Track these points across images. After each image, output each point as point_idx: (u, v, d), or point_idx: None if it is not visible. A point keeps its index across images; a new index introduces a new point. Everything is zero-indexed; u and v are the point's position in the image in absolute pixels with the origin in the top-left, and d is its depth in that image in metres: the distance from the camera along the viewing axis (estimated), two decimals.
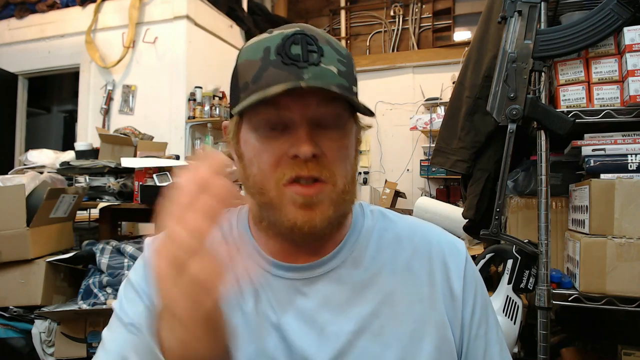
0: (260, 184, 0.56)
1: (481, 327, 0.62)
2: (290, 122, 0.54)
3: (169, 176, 2.20)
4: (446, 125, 1.69)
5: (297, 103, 0.53)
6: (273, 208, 0.56)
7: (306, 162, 0.53)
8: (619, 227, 1.17)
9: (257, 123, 0.55)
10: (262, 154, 0.55)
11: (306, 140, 0.53)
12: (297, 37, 0.54)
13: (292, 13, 5.62)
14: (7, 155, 4.18)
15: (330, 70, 0.54)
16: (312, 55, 0.53)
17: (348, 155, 0.58)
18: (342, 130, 0.57)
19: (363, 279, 0.61)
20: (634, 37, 1.19)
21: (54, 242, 1.97)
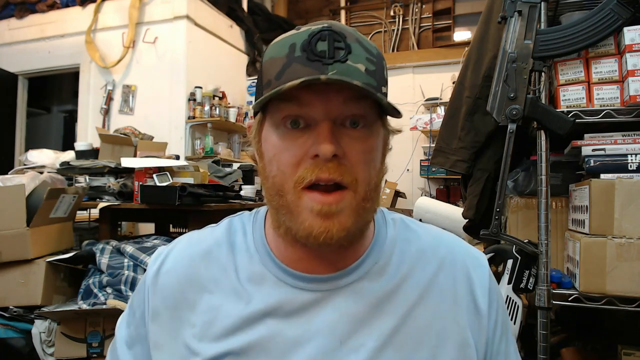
0: (279, 185, 0.53)
1: (502, 343, 0.61)
2: (312, 120, 0.52)
3: (168, 176, 2.20)
4: (446, 125, 1.69)
5: (320, 100, 0.51)
6: (290, 212, 0.53)
7: (327, 162, 0.51)
8: (619, 227, 1.17)
9: (279, 120, 0.53)
10: (282, 153, 0.53)
11: (327, 139, 0.50)
12: (324, 34, 0.51)
13: (292, 13, 5.62)
14: (7, 155, 4.18)
15: (357, 68, 0.51)
16: (338, 52, 0.51)
17: (373, 159, 0.54)
18: (368, 131, 0.54)
19: (385, 292, 0.58)
20: (634, 37, 1.19)
21: (54, 242, 1.97)
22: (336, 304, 0.57)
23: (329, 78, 0.48)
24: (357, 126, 0.53)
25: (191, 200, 2.04)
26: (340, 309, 0.56)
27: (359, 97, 0.51)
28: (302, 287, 0.57)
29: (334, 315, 0.56)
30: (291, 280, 0.58)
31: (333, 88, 0.51)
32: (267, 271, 0.59)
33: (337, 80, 0.48)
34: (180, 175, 2.26)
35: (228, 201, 2.33)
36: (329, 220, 0.51)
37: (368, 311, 0.57)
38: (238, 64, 4.53)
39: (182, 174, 2.27)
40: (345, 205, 0.52)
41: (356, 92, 0.51)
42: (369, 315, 0.57)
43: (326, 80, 0.48)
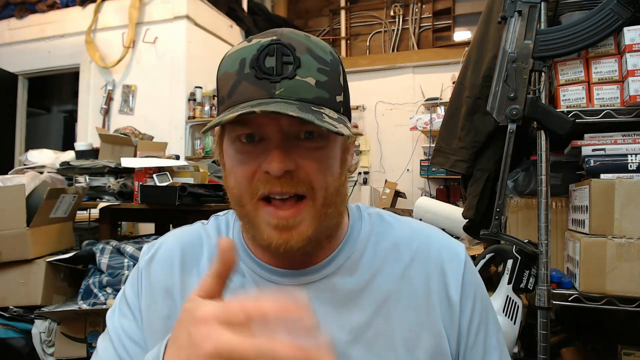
0: (238, 197, 0.55)
1: (480, 334, 0.61)
2: (265, 135, 0.53)
3: (168, 176, 2.20)
4: (446, 125, 1.69)
5: (270, 119, 0.51)
6: (251, 222, 0.55)
7: (279, 178, 0.51)
8: (619, 227, 1.17)
9: (234, 137, 0.54)
10: (238, 166, 0.54)
11: (277, 157, 0.51)
12: (271, 48, 0.51)
13: (292, 13, 5.62)
14: (7, 155, 4.18)
15: (306, 83, 0.51)
16: (287, 68, 0.51)
17: (329, 166, 0.55)
18: (324, 140, 0.54)
19: (357, 286, 0.59)
20: (634, 37, 1.19)
21: (54, 242, 1.97)
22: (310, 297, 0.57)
23: (263, 111, 0.48)
24: (313, 136, 0.53)
25: (191, 200, 2.04)
26: (312, 304, 0.56)
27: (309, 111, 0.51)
28: (275, 281, 0.59)
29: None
30: (265, 274, 0.60)
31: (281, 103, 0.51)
32: (243, 265, 0.61)
33: (272, 112, 0.48)
34: (180, 175, 2.26)
35: (228, 201, 2.32)
36: (287, 232, 0.52)
37: (339, 306, 0.58)
38: None
39: (182, 174, 2.27)
40: (304, 216, 0.53)
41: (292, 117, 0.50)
42: (341, 310, 0.58)
43: (260, 112, 0.48)
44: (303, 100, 0.51)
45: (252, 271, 0.60)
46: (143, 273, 0.64)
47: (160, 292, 0.62)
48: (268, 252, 0.60)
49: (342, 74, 0.57)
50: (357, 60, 5.01)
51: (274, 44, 0.52)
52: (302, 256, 0.59)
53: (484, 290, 0.65)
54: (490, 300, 0.66)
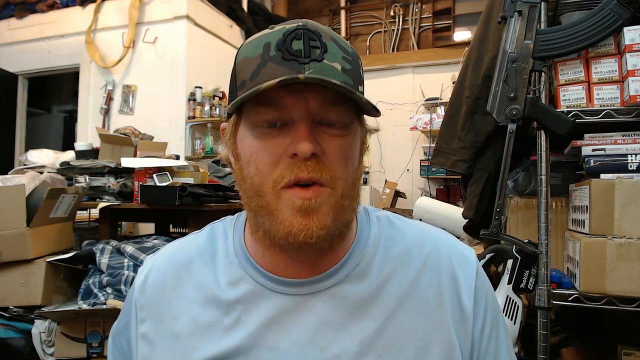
0: (257, 186, 0.53)
1: (491, 342, 0.59)
2: (290, 119, 0.51)
3: (169, 176, 2.20)
4: (446, 125, 1.69)
5: (298, 101, 0.50)
6: (269, 213, 0.52)
7: (305, 161, 0.50)
8: (619, 227, 1.17)
9: (255, 122, 0.53)
10: (259, 153, 0.52)
11: (306, 137, 0.50)
12: (299, 32, 0.51)
13: (292, 13, 5.62)
14: (7, 155, 4.18)
15: (333, 67, 0.51)
16: (314, 51, 0.50)
17: (351, 157, 0.54)
18: (347, 129, 0.53)
19: (367, 294, 0.57)
20: (634, 37, 1.19)
21: (54, 242, 1.97)
22: (316, 308, 0.56)
23: (307, 77, 0.48)
24: (335, 125, 0.53)
25: (191, 200, 2.04)
26: (320, 313, 0.55)
27: (337, 96, 0.51)
28: (281, 291, 0.57)
29: (314, 320, 0.55)
30: (270, 284, 0.57)
31: (310, 88, 0.50)
32: (246, 275, 0.58)
33: (316, 79, 0.48)
34: (180, 175, 2.26)
35: (228, 201, 2.33)
36: (308, 217, 0.50)
37: (349, 315, 0.56)
38: None
39: (182, 174, 2.27)
40: (324, 200, 0.51)
41: (334, 92, 0.50)
42: (350, 319, 0.55)
43: (304, 79, 0.47)
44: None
45: (257, 282, 0.58)
46: (137, 302, 0.62)
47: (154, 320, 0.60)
48: (275, 258, 0.57)
49: (362, 68, 0.57)
50: None
51: (300, 29, 0.51)
52: (311, 262, 0.57)
53: (494, 296, 0.63)
54: (499, 305, 0.64)
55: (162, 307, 0.60)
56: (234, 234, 0.63)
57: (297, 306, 0.56)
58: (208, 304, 0.58)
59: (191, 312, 0.58)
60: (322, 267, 0.57)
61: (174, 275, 0.61)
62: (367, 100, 0.51)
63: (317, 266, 0.57)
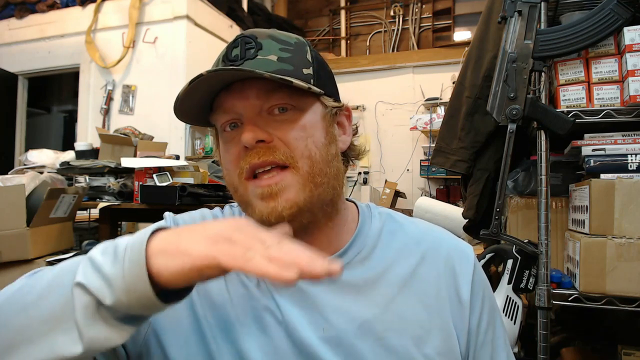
0: (231, 183, 0.59)
1: (488, 334, 0.62)
2: (240, 117, 0.57)
3: (169, 176, 2.19)
4: (446, 125, 1.69)
5: (239, 99, 0.56)
6: (246, 204, 0.58)
7: (255, 149, 0.55)
8: (619, 227, 1.17)
9: (220, 128, 0.59)
10: (226, 154, 0.59)
11: (247, 127, 0.55)
12: (237, 41, 0.57)
13: (292, 13, 5.62)
14: (7, 155, 4.18)
15: (267, 60, 0.55)
16: (249, 52, 0.56)
17: (309, 135, 0.57)
18: (298, 112, 0.57)
19: (368, 279, 0.59)
20: (634, 37, 1.19)
21: (54, 242, 1.97)
22: (318, 292, 0.58)
23: (216, 70, 0.53)
24: (286, 110, 0.56)
25: (191, 200, 2.04)
26: (322, 297, 0.58)
27: (274, 86, 0.55)
28: None
29: (317, 303, 0.58)
30: None
31: (246, 85, 0.56)
32: None
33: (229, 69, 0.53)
34: (180, 175, 2.26)
35: (228, 201, 2.33)
36: (273, 200, 0.54)
37: (350, 299, 0.58)
38: None
39: (182, 174, 2.27)
40: (287, 182, 0.55)
41: (268, 82, 0.54)
42: (351, 303, 0.58)
43: (206, 74, 0.52)
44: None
45: None
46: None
47: None
48: None
49: (310, 53, 0.60)
50: (357, 60, 5.01)
51: (238, 38, 0.58)
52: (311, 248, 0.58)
53: (491, 291, 0.66)
54: (495, 300, 0.67)
55: None
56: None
57: (302, 291, 0.58)
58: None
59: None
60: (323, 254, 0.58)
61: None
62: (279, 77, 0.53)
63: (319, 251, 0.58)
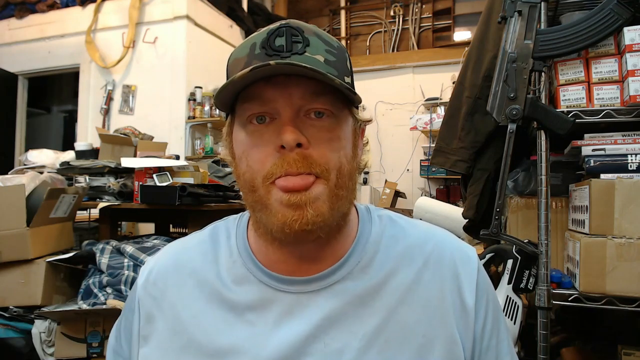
0: (250, 182, 0.54)
1: (492, 339, 0.60)
2: (277, 113, 0.52)
3: (169, 176, 2.19)
4: (446, 125, 1.69)
5: (281, 94, 0.52)
6: (264, 206, 0.53)
7: (292, 154, 0.51)
8: (619, 227, 1.17)
9: (245, 119, 0.54)
10: (250, 150, 0.54)
11: (289, 128, 0.51)
12: (282, 30, 0.52)
13: (292, 13, 5.62)
14: (7, 155, 4.18)
15: (315, 59, 0.52)
16: (296, 46, 0.52)
17: (342, 147, 0.54)
18: (334, 120, 0.54)
19: (369, 289, 0.57)
20: (634, 37, 1.19)
21: (54, 242, 1.97)
22: (319, 305, 0.56)
23: (277, 63, 0.48)
24: (323, 116, 0.53)
25: (191, 200, 2.04)
26: (323, 310, 0.56)
27: (321, 87, 0.52)
28: (284, 290, 0.57)
29: (317, 317, 0.56)
30: (273, 283, 0.58)
31: (293, 81, 0.52)
32: (250, 274, 0.59)
33: (289, 64, 0.49)
34: (180, 175, 2.26)
35: (228, 201, 2.33)
36: (301, 209, 0.51)
37: (351, 311, 0.56)
38: None
39: (182, 174, 2.27)
40: (317, 193, 0.51)
41: (317, 83, 0.52)
42: (353, 315, 0.56)
43: (275, 64, 0.48)
44: None
45: (260, 281, 0.58)
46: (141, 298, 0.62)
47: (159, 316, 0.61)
48: (277, 254, 0.58)
49: (349, 61, 0.58)
50: (357, 60, 5.01)
51: (283, 27, 0.53)
52: (312, 258, 0.58)
53: (495, 294, 0.63)
54: (499, 303, 0.65)
55: (165, 305, 0.61)
56: (237, 234, 0.63)
57: (301, 304, 0.57)
58: (212, 301, 0.59)
59: (195, 308, 0.59)
60: (324, 264, 0.58)
61: (177, 274, 0.62)
62: (344, 85, 0.51)
63: (318, 262, 0.58)
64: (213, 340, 0.57)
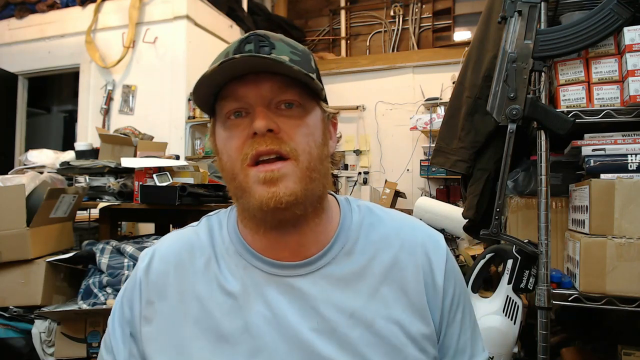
0: (230, 170, 0.60)
1: (458, 314, 0.68)
2: (250, 107, 0.59)
3: (168, 176, 2.19)
4: (446, 125, 1.69)
5: (252, 90, 0.59)
6: (243, 190, 0.59)
7: (263, 137, 0.57)
8: (619, 227, 1.17)
9: (224, 116, 0.61)
10: (229, 141, 0.60)
11: (261, 116, 0.58)
12: (250, 38, 0.60)
13: (292, 13, 5.62)
14: (7, 155, 4.18)
15: (281, 59, 0.57)
16: (263, 49, 0.59)
17: (311, 134, 0.61)
18: (303, 110, 0.61)
19: (353, 271, 0.64)
20: (634, 37, 1.19)
21: (54, 242, 1.97)
22: (309, 288, 0.62)
23: (242, 55, 0.56)
24: (292, 107, 0.60)
25: (191, 200, 2.04)
26: (313, 293, 0.62)
27: (287, 81, 0.59)
28: (275, 274, 0.63)
29: (308, 299, 0.61)
30: (266, 267, 0.63)
31: (261, 78, 0.59)
32: (242, 260, 0.64)
33: (252, 55, 0.56)
34: (180, 175, 2.26)
35: (228, 201, 2.33)
36: (275, 185, 0.57)
37: (338, 291, 0.62)
38: None
39: (182, 174, 2.27)
40: (288, 171, 0.58)
41: (283, 78, 0.59)
42: (339, 295, 0.62)
43: (240, 58, 0.55)
44: None
45: (253, 265, 0.63)
46: (142, 282, 0.66)
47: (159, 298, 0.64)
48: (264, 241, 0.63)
49: (313, 62, 0.65)
50: (357, 60, 5.01)
51: (251, 35, 0.60)
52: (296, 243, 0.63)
53: (461, 276, 0.72)
54: (465, 284, 0.73)
55: (167, 289, 0.64)
56: (228, 224, 0.68)
57: (293, 287, 0.62)
58: (211, 285, 0.63)
59: (195, 293, 0.63)
60: (310, 250, 0.64)
61: (178, 260, 0.66)
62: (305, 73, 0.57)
63: (304, 249, 0.63)
64: (215, 323, 0.61)
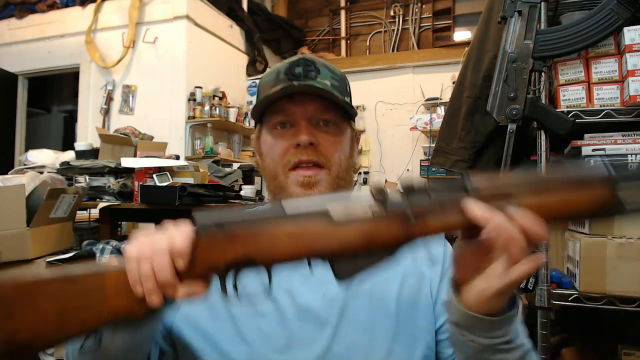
0: (273, 171, 0.74)
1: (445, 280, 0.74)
2: (295, 122, 0.73)
3: (168, 176, 2.19)
4: (446, 125, 1.69)
5: (299, 108, 0.72)
6: (282, 189, 0.72)
7: (305, 148, 0.70)
8: (619, 227, 1.17)
9: (271, 125, 0.75)
10: (274, 147, 0.74)
11: (305, 131, 0.71)
12: (300, 61, 0.73)
13: (292, 13, 5.62)
14: (7, 155, 4.18)
15: (324, 83, 0.72)
16: (310, 73, 0.72)
17: (342, 150, 0.75)
18: (337, 128, 0.74)
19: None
20: (634, 37, 1.19)
21: (54, 242, 1.97)
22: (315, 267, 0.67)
23: (299, 84, 0.70)
24: (329, 125, 0.74)
25: (191, 200, 2.04)
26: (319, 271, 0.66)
27: (327, 105, 0.72)
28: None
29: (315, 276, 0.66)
30: None
31: (308, 99, 0.72)
32: None
33: (306, 85, 0.70)
34: (180, 175, 2.26)
35: (228, 201, 2.33)
36: (310, 189, 0.71)
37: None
38: (238, 64, 4.53)
39: (182, 174, 2.27)
40: (322, 178, 0.72)
41: (325, 102, 0.72)
42: None
43: (297, 85, 0.70)
44: None
45: None
46: None
47: None
48: None
49: (348, 86, 0.79)
50: (357, 60, 5.01)
51: (301, 60, 0.74)
52: None
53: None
54: None
55: None
56: None
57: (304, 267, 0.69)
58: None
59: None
60: None
61: None
62: (345, 102, 0.73)
63: None
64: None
